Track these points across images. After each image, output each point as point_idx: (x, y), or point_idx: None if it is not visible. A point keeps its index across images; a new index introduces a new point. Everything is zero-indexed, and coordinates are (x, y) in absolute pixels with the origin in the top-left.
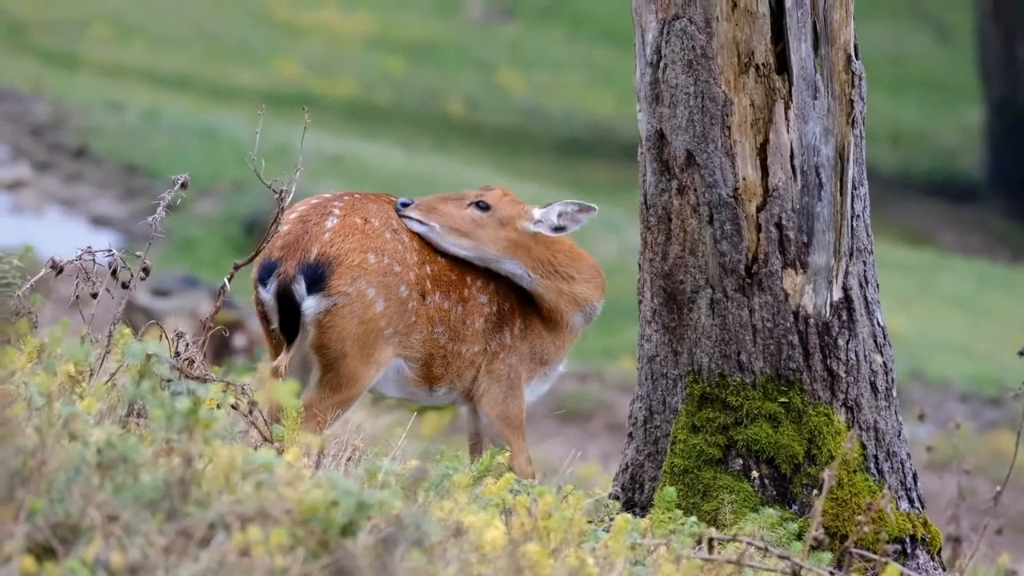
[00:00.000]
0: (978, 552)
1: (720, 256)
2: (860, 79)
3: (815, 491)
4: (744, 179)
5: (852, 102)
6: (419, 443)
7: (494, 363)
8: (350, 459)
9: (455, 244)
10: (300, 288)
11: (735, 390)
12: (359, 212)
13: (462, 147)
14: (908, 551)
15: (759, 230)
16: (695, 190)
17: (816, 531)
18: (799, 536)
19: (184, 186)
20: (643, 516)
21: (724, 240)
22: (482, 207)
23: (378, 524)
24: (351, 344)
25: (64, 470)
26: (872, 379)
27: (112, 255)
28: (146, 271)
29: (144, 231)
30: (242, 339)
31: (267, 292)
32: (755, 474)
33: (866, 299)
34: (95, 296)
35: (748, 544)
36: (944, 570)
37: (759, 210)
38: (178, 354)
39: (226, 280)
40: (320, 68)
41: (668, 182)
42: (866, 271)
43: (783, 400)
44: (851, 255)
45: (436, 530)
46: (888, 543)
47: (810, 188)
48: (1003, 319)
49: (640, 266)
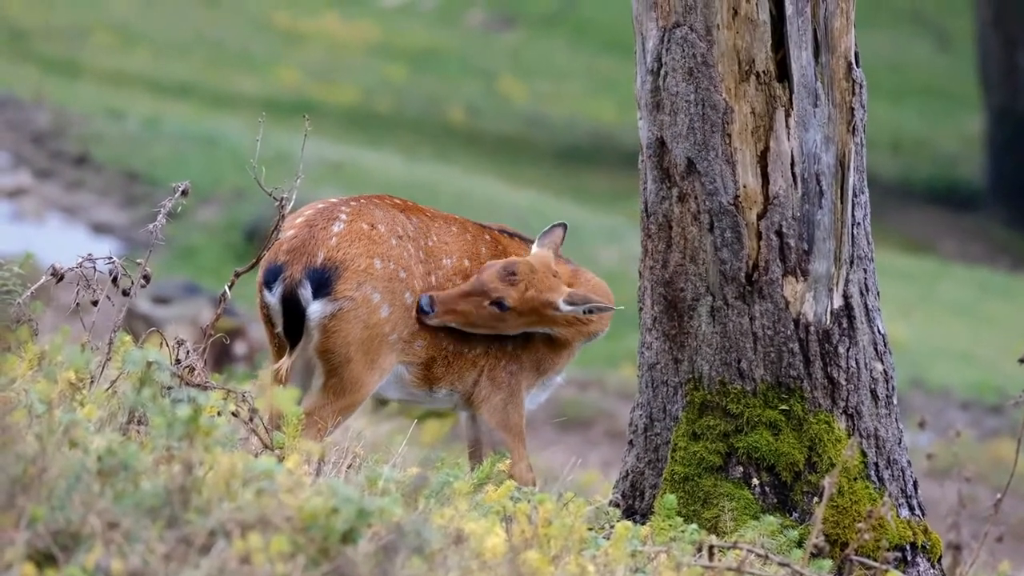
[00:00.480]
0: (978, 560)
1: (721, 264)
2: (861, 87)
3: (816, 498)
4: (745, 187)
5: (853, 110)
6: (419, 450)
7: (495, 370)
8: (351, 466)
9: (476, 332)
10: (306, 292)
11: (736, 398)
12: (366, 218)
13: (463, 155)
14: (908, 558)
15: (760, 238)
16: (696, 198)
17: (817, 538)
18: (800, 543)
19: (185, 193)
20: (643, 523)
21: (725, 248)
22: (501, 307)
23: (379, 531)
24: (355, 349)
25: (65, 477)
26: (872, 387)
27: (113, 262)
28: (147, 278)
29: (145, 238)
30: (243, 346)
31: (272, 296)
32: (756, 481)
33: (867, 307)
34: (96, 303)
35: (749, 551)
36: None
37: (760, 218)
38: (179, 361)
39: (227, 288)
40: (321, 75)
41: (669, 190)
42: (867, 279)
43: (784, 408)
44: (852, 263)
45: (437, 537)
46: (889, 550)
47: (811, 196)
48: (1003, 327)
49: (641, 274)
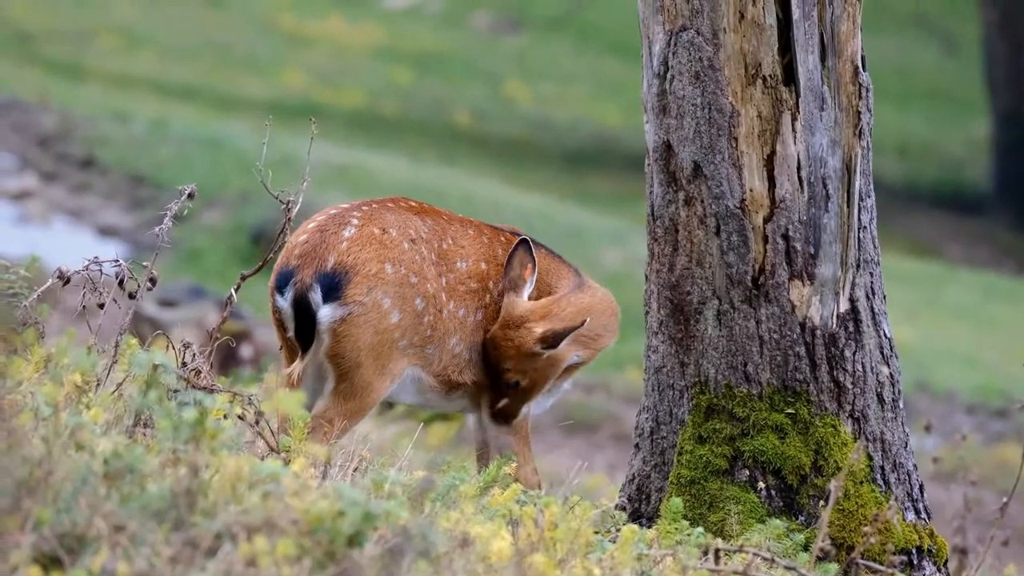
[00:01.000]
0: (984, 563)
1: (727, 267)
2: (867, 91)
3: (822, 502)
4: (751, 190)
5: (859, 114)
6: (426, 453)
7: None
8: (356, 469)
9: (544, 388)
10: (316, 296)
11: (742, 401)
12: (377, 222)
13: (468, 158)
14: (914, 562)
15: (766, 241)
16: (702, 201)
17: (822, 542)
18: (805, 547)
19: (191, 196)
20: (649, 527)
21: (731, 251)
22: (515, 386)
23: (385, 535)
24: (365, 354)
25: (71, 480)
26: (879, 390)
27: (119, 265)
28: (153, 281)
29: (151, 241)
30: (249, 349)
31: (284, 300)
32: (761, 485)
33: (873, 310)
34: (102, 306)
35: (755, 555)
36: None
37: (766, 221)
38: (185, 364)
39: (233, 290)
40: (326, 78)
41: (675, 193)
42: (873, 282)
43: (790, 411)
44: (858, 266)
45: (442, 540)
46: (894, 554)
47: (817, 199)
48: (1009, 330)
49: (647, 277)
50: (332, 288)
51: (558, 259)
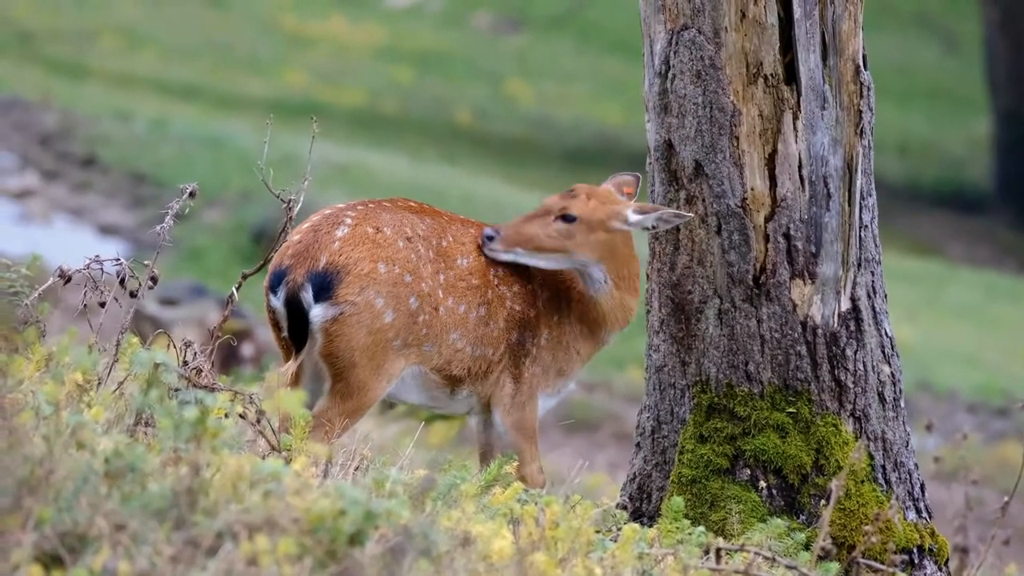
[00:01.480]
0: (985, 562)
1: (728, 266)
2: (868, 89)
3: (823, 501)
4: (752, 189)
5: (860, 112)
6: (427, 452)
7: (518, 369)
8: (358, 468)
9: (545, 262)
10: (308, 296)
11: (743, 400)
12: (372, 221)
13: (469, 157)
14: (915, 561)
15: (767, 240)
16: (703, 200)
17: (824, 541)
18: (807, 546)
19: (192, 195)
20: (651, 526)
21: (732, 250)
22: (568, 220)
23: (386, 534)
24: (360, 354)
25: (72, 479)
26: (880, 389)
27: (120, 264)
28: (154, 280)
29: (152, 240)
30: (250, 348)
31: (277, 300)
32: (763, 484)
33: (874, 309)
34: (103, 305)
35: (756, 554)
36: None
37: (767, 220)
38: (186, 363)
39: (234, 289)
40: (327, 78)
41: (676, 192)
42: (874, 281)
43: (791, 410)
44: (859, 265)
45: (444, 540)
46: (895, 553)
47: (818, 198)
48: (1011, 329)
49: (648, 276)
50: (324, 288)
51: None
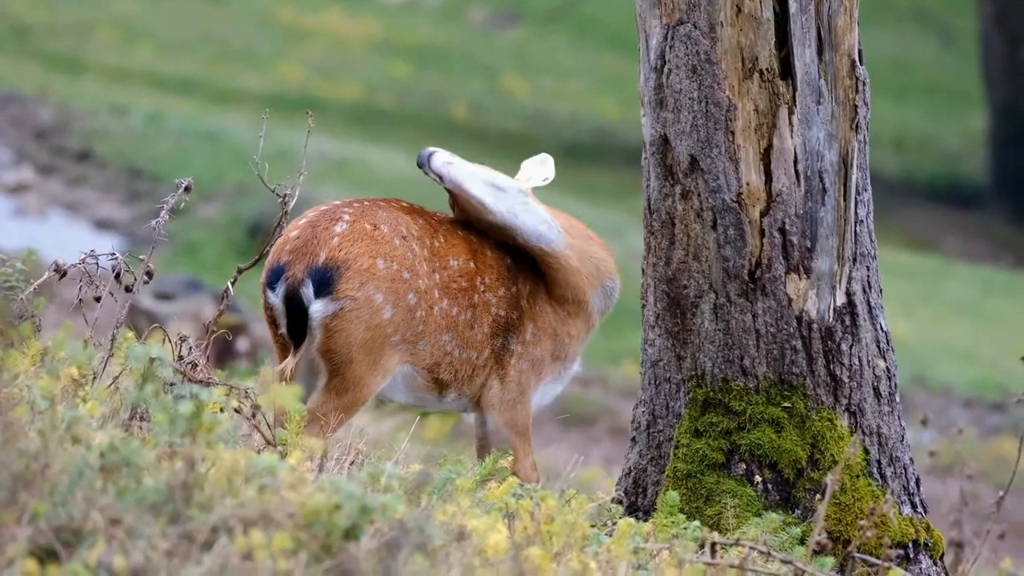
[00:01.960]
0: (981, 557)
1: (723, 261)
2: (864, 84)
3: (818, 496)
4: (748, 184)
5: (856, 107)
6: (422, 447)
7: (504, 369)
8: (353, 463)
9: (489, 174)
10: (308, 292)
11: (738, 395)
12: (369, 218)
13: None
14: (911, 556)
15: (763, 235)
16: (699, 195)
17: (819, 536)
18: (802, 541)
19: (188, 190)
20: (646, 520)
21: (728, 245)
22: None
23: (381, 528)
24: (357, 350)
25: (67, 473)
26: (875, 384)
27: (115, 258)
28: (149, 275)
29: (147, 235)
30: (245, 343)
31: (275, 296)
32: (758, 479)
33: (869, 304)
34: (98, 300)
35: (751, 549)
36: (947, 575)
37: (763, 215)
38: (181, 358)
39: (229, 284)
40: (324, 72)
41: (672, 187)
42: (869, 276)
43: (786, 405)
44: (854, 260)
45: (439, 534)
46: (891, 548)
47: (814, 193)
48: (1006, 325)
49: (643, 271)
50: (324, 283)
51: None
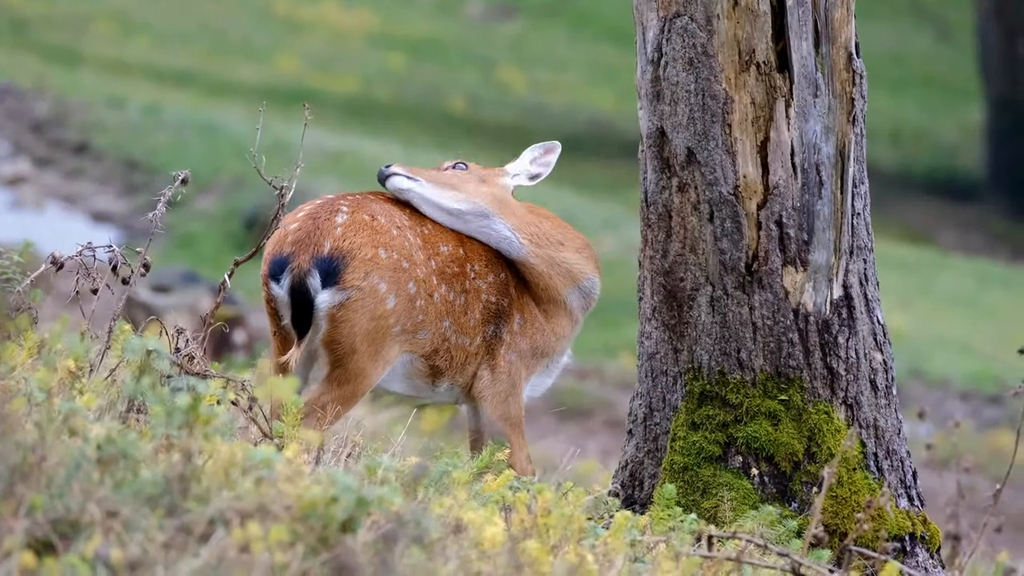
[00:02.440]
0: (977, 550)
1: (720, 254)
2: (861, 77)
3: (815, 489)
4: (745, 177)
5: (853, 100)
6: (419, 440)
7: (494, 360)
8: (350, 455)
9: (444, 198)
10: (315, 282)
11: (735, 388)
12: (366, 210)
13: (463, 144)
14: (907, 549)
15: (759, 228)
16: (696, 188)
17: (815, 529)
18: (798, 534)
19: (184, 182)
20: (643, 513)
21: (724, 238)
22: (461, 167)
23: (378, 520)
24: (361, 340)
25: (64, 466)
26: (872, 377)
27: (112, 251)
28: (146, 267)
29: (144, 227)
30: (242, 335)
31: (280, 287)
32: (755, 471)
33: (866, 297)
34: (95, 292)
35: (748, 541)
36: (943, 568)
37: (759, 208)
38: (178, 350)
39: (226, 276)
40: (321, 64)
41: (669, 180)
42: (866, 269)
43: (783, 398)
44: (851, 253)
45: (436, 527)
46: (887, 541)
47: (811, 186)
48: (1003, 317)
49: (640, 263)
50: (330, 273)
51: None
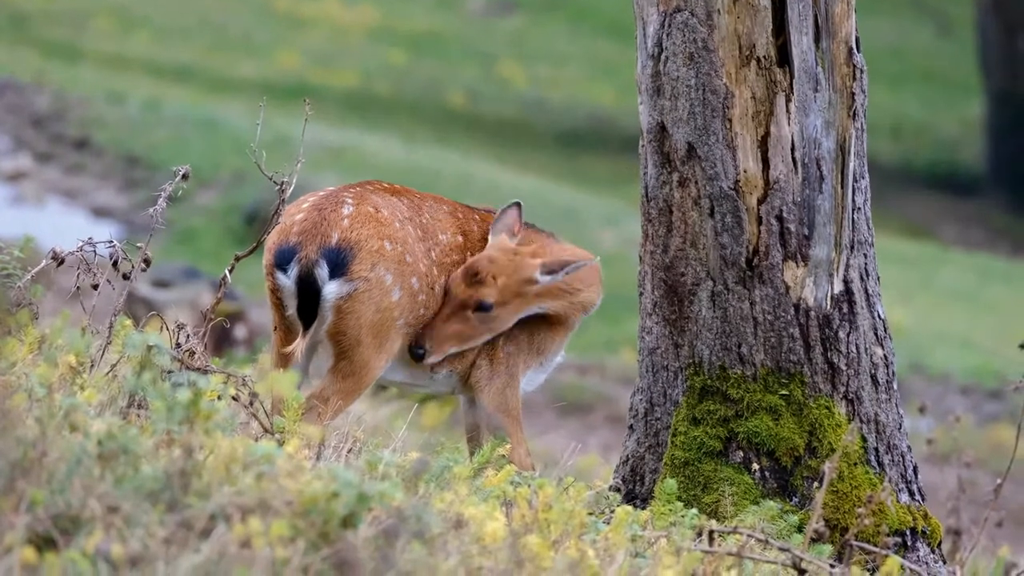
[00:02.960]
0: (978, 545)
1: (721, 248)
2: (861, 72)
3: (816, 483)
4: (745, 172)
5: (853, 95)
6: (420, 435)
7: (493, 350)
8: (351, 450)
9: (479, 343)
10: (322, 272)
11: (736, 382)
12: (370, 202)
13: (463, 139)
14: (908, 544)
15: (760, 223)
16: (696, 182)
17: (816, 523)
18: (799, 528)
19: (185, 177)
20: (644, 508)
21: (725, 232)
22: (484, 308)
23: (379, 516)
24: (366, 331)
25: (65, 461)
26: (873, 372)
27: (113, 246)
28: (147, 262)
29: (145, 222)
30: (243, 330)
31: (287, 278)
32: (756, 466)
33: (867, 292)
34: (96, 287)
35: (749, 536)
36: (944, 563)
37: (760, 203)
38: (179, 345)
39: (227, 271)
40: (321, 59)
41: (669, 174)
42: (867, 264)
43: (784, 393)
44: (852, 248)
45: (437, 522)
46: (888, 536)
47: (811, 181)
48: (1004, 312)
49: (641, 258)
50: (338, 264)
51: (540, 231)
